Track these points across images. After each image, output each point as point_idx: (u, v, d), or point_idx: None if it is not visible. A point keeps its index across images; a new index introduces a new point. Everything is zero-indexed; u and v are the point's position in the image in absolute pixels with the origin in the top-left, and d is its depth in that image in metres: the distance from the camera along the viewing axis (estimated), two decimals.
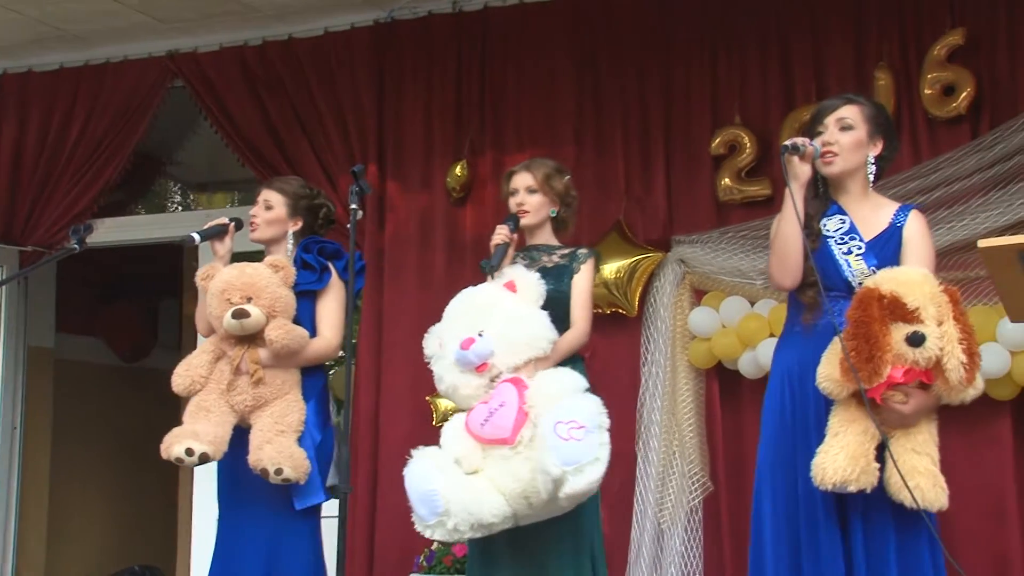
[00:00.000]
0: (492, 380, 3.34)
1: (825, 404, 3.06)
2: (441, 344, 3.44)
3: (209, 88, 5.38)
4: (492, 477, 3.24)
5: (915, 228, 3.16)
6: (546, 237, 3.66)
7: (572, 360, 3.52)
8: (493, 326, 3.35)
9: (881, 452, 2.96)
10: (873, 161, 3.19)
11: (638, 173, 4.78)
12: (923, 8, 4.43)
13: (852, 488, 2.90)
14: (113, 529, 7.18)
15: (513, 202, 3.64)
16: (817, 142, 3.15)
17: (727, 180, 4.61)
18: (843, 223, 3.16)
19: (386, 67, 5.17)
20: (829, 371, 2.95)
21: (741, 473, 4.41)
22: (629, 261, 4.65)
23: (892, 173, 4.32)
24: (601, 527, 3.53)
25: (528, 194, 3.61)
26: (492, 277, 3.53)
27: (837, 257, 3.13)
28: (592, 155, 4.84)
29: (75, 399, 7.02)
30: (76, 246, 3.68)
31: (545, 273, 3.53)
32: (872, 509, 2.99)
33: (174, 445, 3.45)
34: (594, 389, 3.59)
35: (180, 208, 6.89)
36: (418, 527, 3.29)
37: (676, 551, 4.40)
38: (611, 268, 4.59)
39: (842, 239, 3.14)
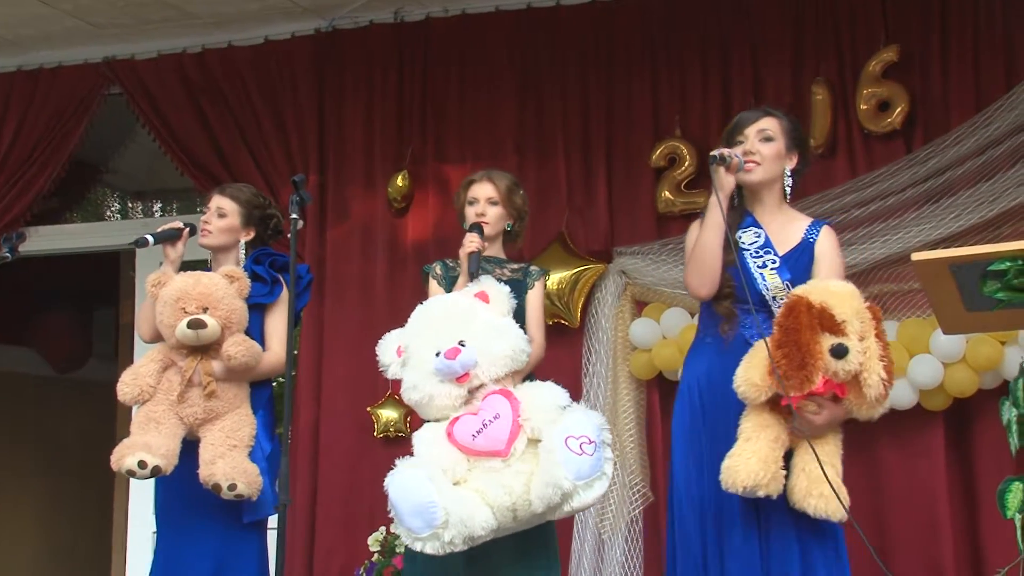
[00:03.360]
0: (470, 392, 3.28)
1: (724, 416, 3.10)
2: (405, 352, 3.35)
3: (147, 95, 5.31)
4: (479, 489, 3.17)
5: (827, 244, 3.24)
6: (496, 250, 3.65)
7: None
8: (474, 337, 3.29)
9: (787, 460, 3.01)
10: (789, 174, 3.25)
11: (580, 184, 4.81)
12: (858, 25, 4.52)
13: (761, 493, 2.94)
14: (45, 546, 7.04)
15: (471, 211, 3.61)
16: (738, 151, 3.20)
17: (667, 192, 4.66)
18: (758, 236, 3.22)
19: (327, 76, 5.15)
20: (750, 375, 2.98)
21: None
22: (571, 272, 4.68)
23: (829, 187, 4.42)
24: (556, 537, 3.53)
25: (489, 205, 3.60)
26: (470, 282, 3.44)
27: (752, 270, 3.18)
28: (534, 166, 4.85)
29: (6, 411, 6.89)
30: (8, 254, 3.62)
31: None
32: (778, 516, 3.05)
33: (126, 457, 3.36)
34: None
35: (118, 216, 6.79)
36: (406, 540, 3.17)
37: (616, 561, 4.42)
38: (553, 279, 4.61)
39: (757, 252, 3.20)
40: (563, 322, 4.70)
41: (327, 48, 5.17)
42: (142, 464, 3.35)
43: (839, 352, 2.93)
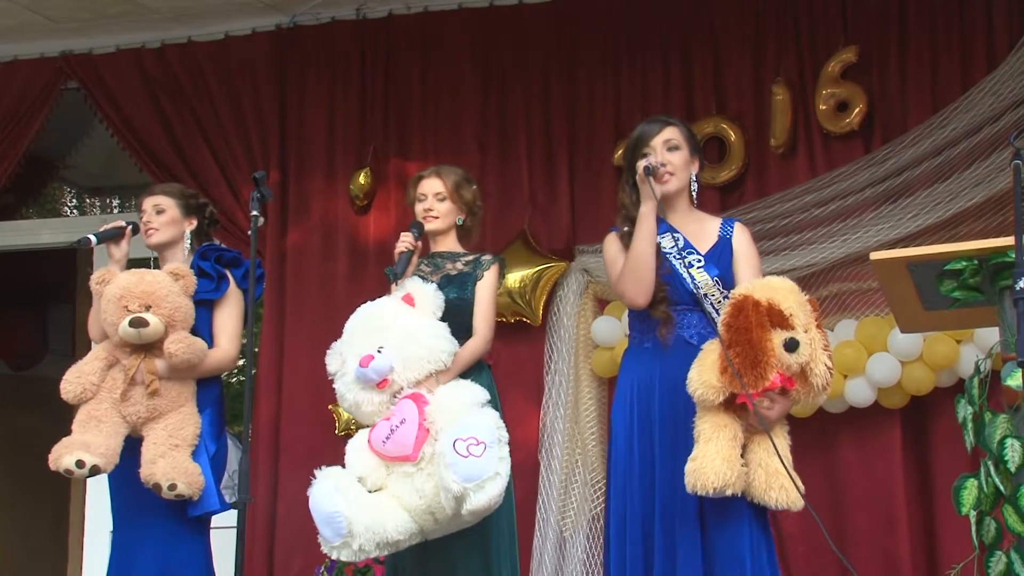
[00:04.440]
0: (394, 396, 3.33)
1: (672, 417, 3.15)
2: (344, 361, 3.42)
3: (105, 91, 5.26)
4: (396, 494, 3.25)
5: (743, 239, 3.31)
6: (451, 244, 3.67)
7: (478, 368, 3.53)
8: (392, 341, 3.34)
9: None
10: (695, 179, 3.32)
11: (542, 182, 4.82)
12: (818, 26, 4.56)
13: (729, 492, 2.97)
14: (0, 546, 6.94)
15: (420, 208, 3.63)
16: (653, 162, 3.25)
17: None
18: (676, 240, 3.27)
19: (289, 73, 5.13)
20: (706, 377, 3.00)
21: None
22: (533, 270, 4.68)
23: (789, 186, 4.46)
24: (515, 537, 3.54)
25: (437, 201, 3.61)
26: (396, 284, 3.52)
27: (680, 271, 3.23)
28: (496, 164, 4.86)
29: None
30: None
31: (449, 281, 3.54)
32: (725, 508, 3.08)
33: (64, 456, 3.34)
34: (499, 397, 3.62)
35: (75, 213, 6.72)
36: (324, 549, 3.28)
37: (578, 559, 4.43)
38: (515, 277, 4.62)
39: (680, 254, 3.25)
40: (525, 320, 4.71)
41: (288, 44, 5.14)
42: (80, 463, 3.32)
43: (791, 346, 2.97)
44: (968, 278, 2.77)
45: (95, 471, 3.36)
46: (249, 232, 3.42)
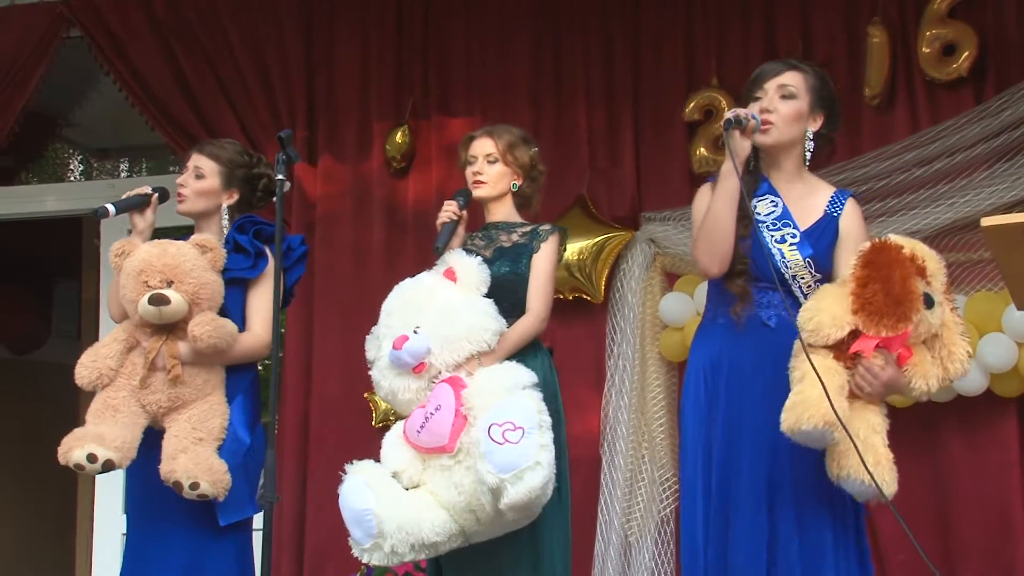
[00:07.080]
0: (432, 381, 3.33)
1: (739, 403, 3.10)
2: (380, 346, 3.42)
3: (111, 39, 5.29)
4: (434, 491, 3.24)
5: (853, 220, 3.22)
6: (506, 214, 3.64)
7: (533, 351, 3.50)
8: (429, 321, 3.33)
9: None
10: (811, 137, 3.23)
11: (603, 141, 4.80)
12: None
13: (836, 435, 2.87)
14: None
15: (470, 171, 3.62)
16: (755, 108, 3.18)
17: (703, 149, 4.65)
18: (775, 206, 3.20)
19: (316, 18, 5.14)
20: (834, 310, 2.92)
21: None
22: (593, 241, 4.67)
23: (887, 142, 4.40)
24: (568, 541, 3.52)
25: (487, 163, 3.60)
26: (437, 258, 3.52)
27: (769, 245, 3.16)
28: (551, 120, 4.84)
29: None
30: None
31: (502, 254, 3.52)
32: (791, 500, 3.05)
33: (75, 449, 3.31)
34: (559, 384, 3.59)
35: (81, 177, 6.79)
36: (355, 552, 3.29)
37: (645, 567, 4.44)
38: (574, 248, 4.60)
39: (775, 225, 3.18)
40: (585, 297, 4.70)
41: None
42: (92, 458, 3.29)
43: (928, 302, 2.91)
44: None
45: (108, 466, 3.33)
46: (274, 199, 3.42)
